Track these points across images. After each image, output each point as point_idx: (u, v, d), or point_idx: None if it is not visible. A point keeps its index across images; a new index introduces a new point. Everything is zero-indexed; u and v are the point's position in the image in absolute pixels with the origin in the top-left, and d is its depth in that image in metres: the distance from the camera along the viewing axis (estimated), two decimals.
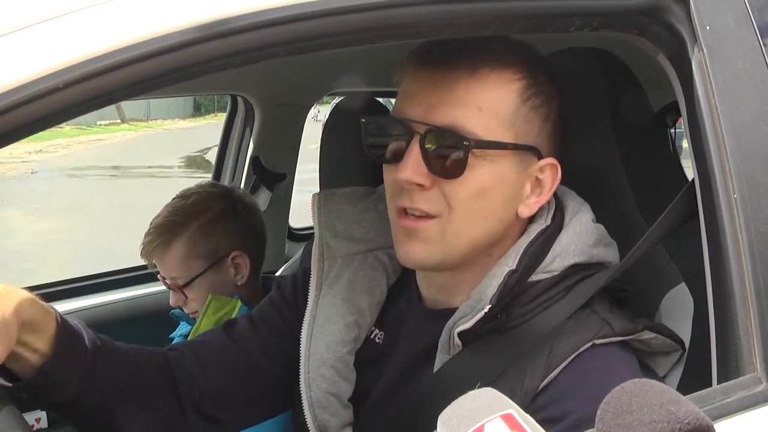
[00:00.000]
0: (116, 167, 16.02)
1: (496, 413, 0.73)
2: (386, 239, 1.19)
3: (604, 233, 1.17)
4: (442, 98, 1.07)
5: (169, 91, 2.43)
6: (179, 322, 2.01)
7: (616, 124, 1.32)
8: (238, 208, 1.91)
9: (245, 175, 2.65)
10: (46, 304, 1.07)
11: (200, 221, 1.85)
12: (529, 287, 1.11)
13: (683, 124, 1.12)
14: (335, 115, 1.65)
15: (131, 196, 10.90)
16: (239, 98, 2.63)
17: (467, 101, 1.07)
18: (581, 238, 1.13)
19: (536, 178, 1.12)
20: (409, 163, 1.07)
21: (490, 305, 1.07)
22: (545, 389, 1.05)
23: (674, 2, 1.06)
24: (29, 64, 0.81)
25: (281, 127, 2.62)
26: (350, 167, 1.43)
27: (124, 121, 24.94)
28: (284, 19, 0.88)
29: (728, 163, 1.04)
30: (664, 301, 1.25)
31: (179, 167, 15.98)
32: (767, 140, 1.07)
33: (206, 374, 1.26)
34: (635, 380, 0.75)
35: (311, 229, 1.30)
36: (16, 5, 0.86)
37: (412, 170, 1.07)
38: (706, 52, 1.06)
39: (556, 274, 1.11)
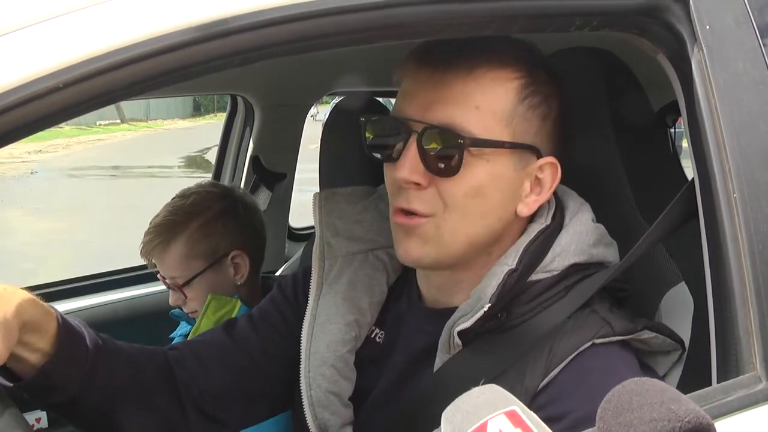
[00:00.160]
0: (116, 167, 16.00)
1: (499, 410, 0.73)
2: (387, 239, 1.19)
3: (604, 233, 1.17)
4: (439, 97, 1.07)
5: (168, 91, 2.43)
6: (179, 322, 2.01)
7: (616, 124, 1.32)
8: (237, 207, 1.91)
9: (245, 174, 2.65)
10: (46, 304, 1.07)
11: (200, 221, 1.85)
12: (528, 287, 1.11)
13: (683, 123, 1.12)
14: (335, 114, 1.64)
15: (131, 196, 10.89)
16: (239, 98, 2.63)
17: (464, 100, 1.07)
18: (581, 237, 1.13)
19: (536, 177, 1.12)
20: (406, 161, 1.08)
21: (489, 304, 1.07)
22: (545, 388, 1.05)
23: (674, 2, 1.06)
24: (29, 63, 0.81)
25: (281, 126, 2.62)
26: (350, 167, 1.42)
27: (123, 121, 24.92)
28: (283, 19, 0.88)
29: (728, 162, 1.04)
30: (663, 300, 1.25)
31: (179, 167, 15.97)
32: (767, 140, 1.07)
33: (207, 374, 1.26)
34: (636, 379, 0.75)
35: (311, 229, 1.30)
36: (16, 5, 0.86)
37: (409, 169, 1.07)
38: (705, 52, 1.06)
39: (556, 273, 1.12)
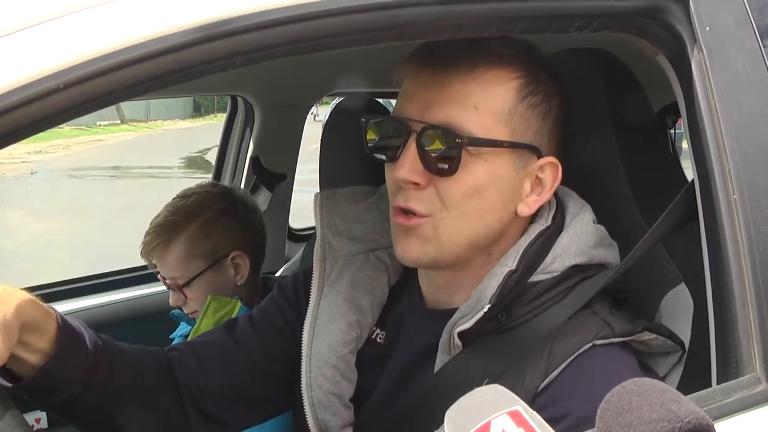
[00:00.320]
0: (116, 168, 16.00)
1: (503, 410, 0.73)
2: (388, 239, 1.19)
3: (604, 234, 1.17)
4: (438, 97, 1.08)
5: (169, 91, 2.43)
6: (179, 322, 2.01)
7: (616, 124, 1.32)
8: (238, 208, 1.91)
9: (245, 175, 2.65)
10: (46, 304, 1.07)
11: (200, 221, 1.85)
12: (529, 288, 1.11)
13: (683, 124, 1.12)
14: (335, 115, 1.64)
15: (131, 196, 10.89)
16: (239, 99, 2.63)
17: (463, 100, 1.07)
18: (582, 239, 1.13)
19: (536, 176, 1.12)
20: (405, 161, 1.08)
21: (489, 305, 1.07)
22: (545, 389, 1.05)
23: (674, 3, 1.07)
24: (30, 64, 0.81)
25: (281, 127, 2.62)
26: (350, 167, 1.42)
27: (123, 121, 24.91)
28: (286, 19, 0.88)
29: (728, 163, 1.04)
30: (663, 301, 1.25)
31: (179, 168, 15.97)
32: (767, 141, 1.07)
33: (207, 374, 1.26)
34: (636, 379, 0.75)
35: (311, 229, 1.30)
36: (16, 5, 0.86)
37: (408, 168, 1.07)
38: (705, 52, 1.06)
39: (556, 274, 1.12)
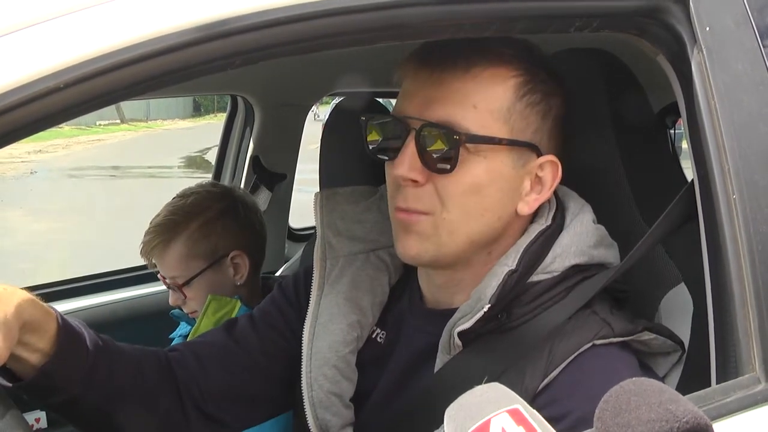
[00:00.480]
0: (116, 167, 16.00)
1: (502, 408, 0.73)
2: (388, 239, 1.19)
3: (604, 234, 1.17)
4: (437, 96, 1.08)
5: (169, 91, 2.43)
6: (179, 322, 2.01)
7: (616, 125, 1.32)
8: (237, 207, 1.91)
9: (245, 175, 2.65)
10: (46, 304, 1.07)
11: (200, 221, 1.85)
12: (529, 287, 1.11)
13: (683, 125, 1.12)
14: (335, 115, 1.64)
15: (131, 196, 10.89)
16: (239, 98, 2.63)
17: (461, 98, 1.08)
18: (582, 239, 1.13)
19: (536, 175, 1.12)
20: (404, 159, 1.08)
21: (489, 305, 1.07)
22: (545, 389, 1.05)
23: (674, 3, 1.07)
24: (30, 63, 0.81)
25: (281, 127, 2.62)
26: (350, 167, 1.42)
27: (123, 121, 24.92)
28: (285, 19, 0.88)
29: (727, 163, 1.04)
30: (663, 301, 1.25)
31: (179, 167, 15.97)
32: (766, 141, 1.07)
33: (207, 374, 1.26)
34: (634, 379, 0.75)
35: (311, 229, 1.30)
36: (16, 5, 0.86)
37: (407, 166, 1.08)
38: (705, 53, 1.06)
39: (556, 274, 1.12)
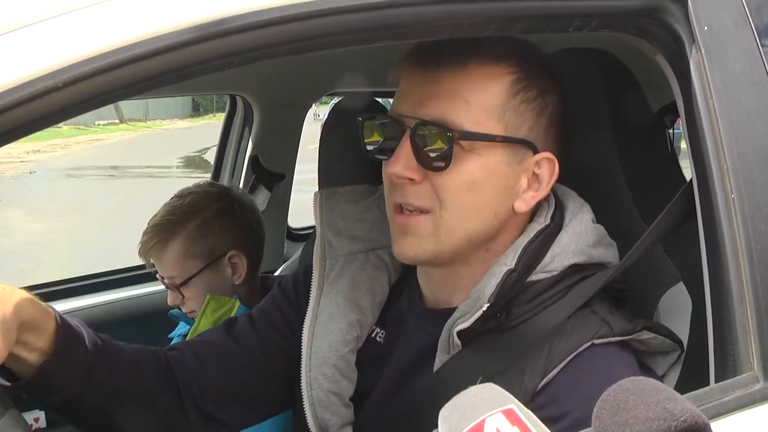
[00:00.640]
0: (115, 167, 16.00)
1: (497, 408, 0.73)
2: (388, 238, 1.19)
3: (603, 234, 1.17)
4: (431, 93, 1.08)
5: (167, 90, 2.43)
6: (177, 322, 2.01)
7: (615, 124, 1.32)
8: (235, 207, 1.91)
9: (244, 175, 2.65)
10: (45, 304, 1.07)
11: (197, 220, 1.85)
12: (528, 287, 1.11)
13: (681, 124, 1.12)
14: (334, 114, 1.64)
15: (130, 196, 10.88)
16: (238, 98, 2.63)
17: (455, 95, 1.08)
18: (581, 238, 1.13)
19: (533, 172, 1.12)
20: (399, 157, 1.09)
21: (488, 304, 1.07)
22: (544, 389, 1.05)
23: (672, 3, 1.07)
24: (28, 63, 0.81)
25: (280, 127, 2.62)
26: (349, 167, 1.42)
27: (122, 121, 24.91)
28: (282, 19, 0.88)
29: (726, 163, 1.04)
30: (662, 300, 1.25)
31: (178, 167, 15.97)
32: (765, 140, 1.07)
33: (206, 374, 1.26)
34: (632, 378, 0.75)
35: (310, 229, 1.30)
36: (15, 5, 0.86)
37: (402, 164, 1.08)
38: (704, 52, 1.06)
39: (555, 273, 1.12)
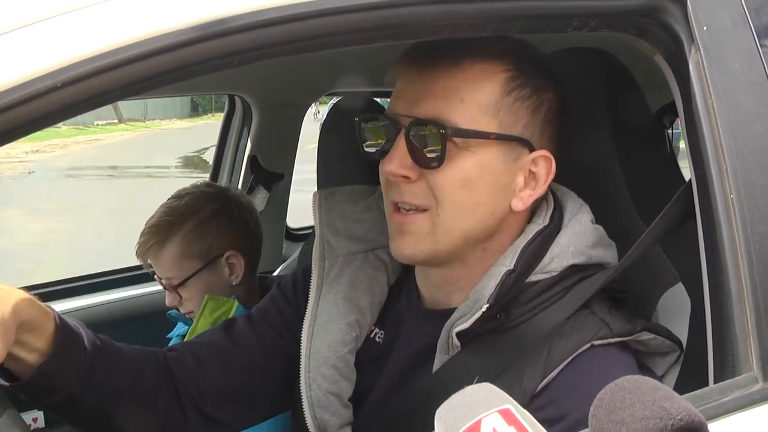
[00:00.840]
0: (113, 167, 16.00)
1: (493, 408, 0.73)
2: (387, 238, 1.19)
3: (603, 234, 1.17)
4: (426, 92, 1.09)
5: (166, 90, 2.43)
6: (176, 322, 2.01)
7: (614, 124, 1.32)
8: (232, 208, 1.91)
9: (243, 175, 2.65)
10: (44, 304, 1.07)
11: (194, 221, 1.85)
12: (527, 288, 1.11)
13: (680, 124, 1.12)
14: (333, 114, 1.64)
15: (129, 196, 10.88)
16: (237, 98, 2.63)
17: (449, 93, 1.08)
18: (580, 239, 1.13)
19: (529, 171, 1.12)
20: (394, 155, 1.09)
21: (487, 305, 1.07)
22: (543, 390, 1.05)
23: (671, 3, 1.07)
24: (27, 62, 0.81)
25: (279, 127, 2.62)
26: (348, 167, 1.42)
27: (121, 121, 24.91)
28: (281, 19, 0.88)
29: (725, 163, 1.04)
30: (661, 301, 1.25)
31: (177, 167, 15.97)
32: (764, 141, 1.07)
33: (206, 374, 1.26)
34: (628, 377, 0.75)
35: (309, 229, 1.30)
36: (14, 4, 0.85)
37: (397, 162, 1.09)
38: (703, 52, 1.06)
39: (554, 274, 1.12)
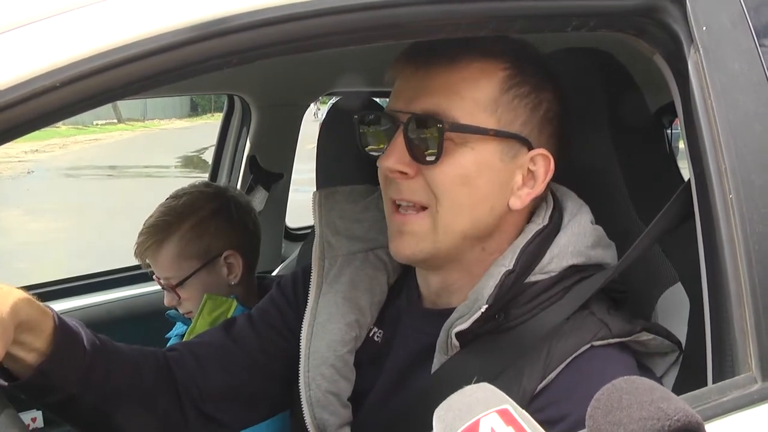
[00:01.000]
0: (113, 167, 15.99)
1: (492, 408, 0.73)
2: (387, 238, 1.19)
3: (602, 235, 1.17)
4: (423, 88, 1.09)
5: (165, 90, 2.43)
6: (175, 322, 2.01)
7: (613, 124, 1.32)
8: (230, 207, 1.91)
9: (242, 174, 2.65)
10: (43, 304, 1.07)
11: (192, 221, 1.85)
12: (526, 288, 1.11)
13: (679, 124, 1.12)
14: (332, 114, 1.64)
15: (128, 196, 10.87)
16: (236, 98, 2.63)
17: (447, 89, 1.08)
18: (579, 239, 1.13)
19: (528, 169, 1.12)
20: (392, 151, 1.09)
21: (486, 305, 1.07)
22: (543, 391, 1.05)
23: (671, 2, 1.07)
24: (26, 62, 0.81)
25: (278, 126, 2.62)
26: (347, 166, 1.42)
27: (120, 120, 24.90)
28: (276, 19, 0.88)
29: (724, 163, 1.04)
30: (660, 301, 1.25)
31: (176, 167, 15.96)
32: (763, 140, 1.07)
33: (206, 374, 1.26)
34: (626, 377, 0.75)
35: (308, 228, 1.30)
36: (13, 4, 0.85)
37: (395, 158, 1.09)
38: (702, 52, 1.06)
39: (554, 275, 1.11)
